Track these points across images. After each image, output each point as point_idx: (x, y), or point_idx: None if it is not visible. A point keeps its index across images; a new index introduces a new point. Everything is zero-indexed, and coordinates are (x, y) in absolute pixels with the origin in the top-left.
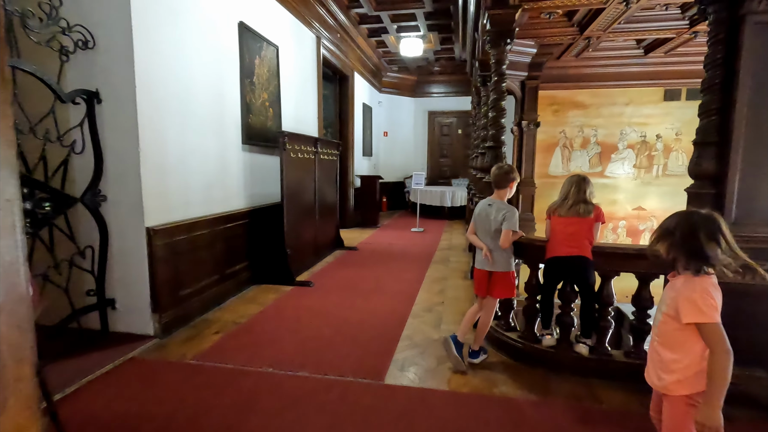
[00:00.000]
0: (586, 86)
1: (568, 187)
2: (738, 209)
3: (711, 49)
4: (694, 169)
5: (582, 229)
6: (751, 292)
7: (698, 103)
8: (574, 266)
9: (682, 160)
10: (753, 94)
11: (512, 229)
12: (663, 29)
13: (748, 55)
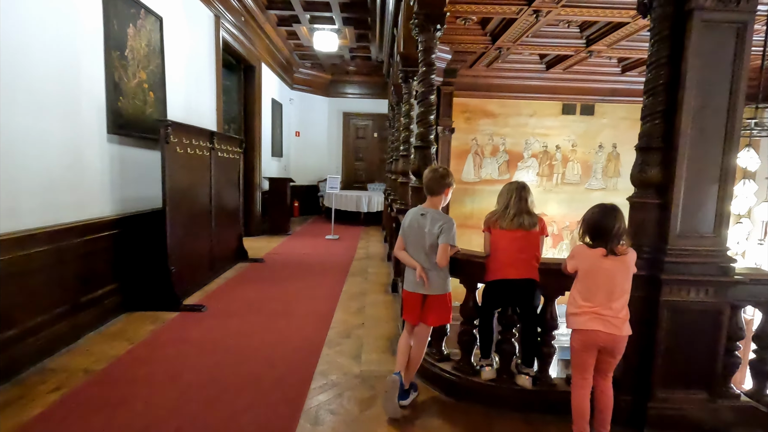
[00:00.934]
0: (496, 96)
1: (507, 196)
2: (683, 221)
3: (655, 47)
4: (638, 176)
5: (529, 244)
6: (692, 309)
7: (590, 118)
8: (520, 290)
9: (577, 170)
10: (699, 97)
11: (451, 243)
12: (563, 46)
13: (694, 55)
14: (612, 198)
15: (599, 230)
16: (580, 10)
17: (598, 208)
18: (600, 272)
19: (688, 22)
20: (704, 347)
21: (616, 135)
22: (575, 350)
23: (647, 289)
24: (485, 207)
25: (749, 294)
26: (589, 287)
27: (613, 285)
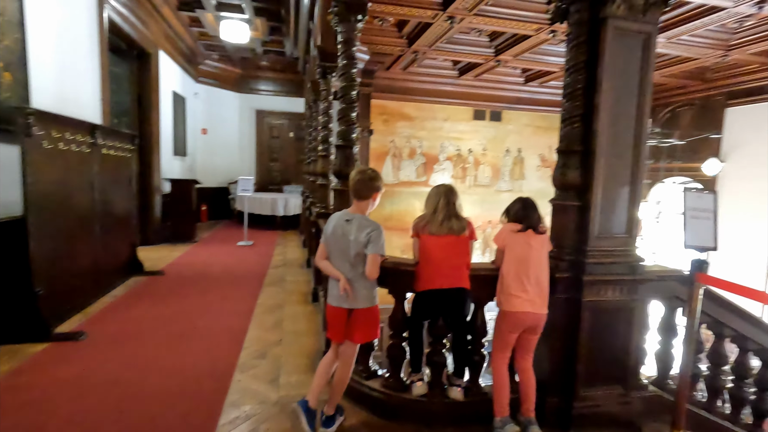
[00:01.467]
0: (412, 99)
1: (435, 199)
2: (601, 222)
3: (573, 52)
4: (559, 179)
5: (460, 250)
6: (609, 308)
7: (498, 124)
8: (453, 300)
9: (488, 173)
10: (613, 102)
11: (380, 252)
12: (475, 54)
13: (609, 60)
14: None
15: (524, 216)
16: (489, 19)
17: (522, 200)
18: (526, 249)
19: (603, 30)
20: (619, 344)
21: (521, 140)
22: (502, 331)
23: (570, 290)
24: (404, 209)
25: (655, 290)
26: (518, 268)
27: (539, 262)
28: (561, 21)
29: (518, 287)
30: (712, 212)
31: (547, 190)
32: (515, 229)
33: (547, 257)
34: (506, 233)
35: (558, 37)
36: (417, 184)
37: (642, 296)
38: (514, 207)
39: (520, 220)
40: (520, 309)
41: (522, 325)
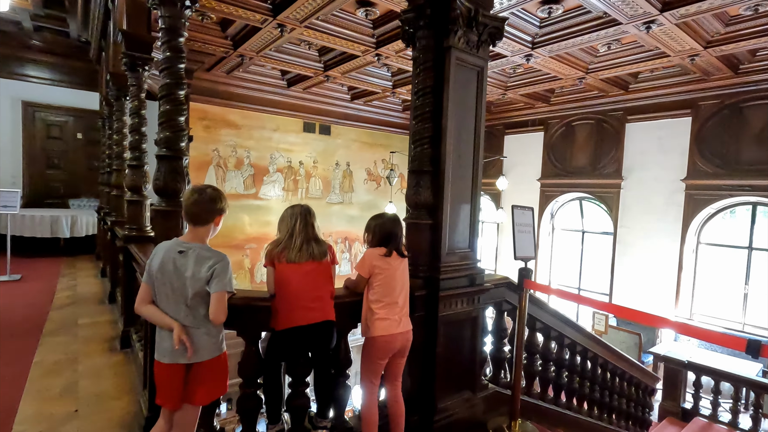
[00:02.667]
0: (238, 106)
1: (291, 221)
2: (449, 239)
3: (421, 76)
4: (413, 198)
5: (323, 278)
6: (458, 320)
7: (327, 138)
8: (318, 336)
9: (319, 185)
10: (457, 126)
11: (227, 289)
12: (304, 66)
13: (453, 87)
14: (347, 210)
15: (389, 235)
16: (320, 34)
17: (385, 218)
18: (392, 273)
19: (447, 58)
20: (467, 351)
21: (349, 155)
22: (372, 358)
23: (426, 307)
24: (231, 224)
25: (491, 297)
26: (385, 291)
27: (402, 284)
28: (408, 45)
29: (386, 311)
30: (531, 226)
31: (375, 202)
32: (380, 254)
33: (408, 277)
34: (372, 259)
35: (382, 60)
36: (245, 197)
37: (483, 304)
38: (379, 229)
39: (386, 242)
40: (389, 332)
41: (392, 349)
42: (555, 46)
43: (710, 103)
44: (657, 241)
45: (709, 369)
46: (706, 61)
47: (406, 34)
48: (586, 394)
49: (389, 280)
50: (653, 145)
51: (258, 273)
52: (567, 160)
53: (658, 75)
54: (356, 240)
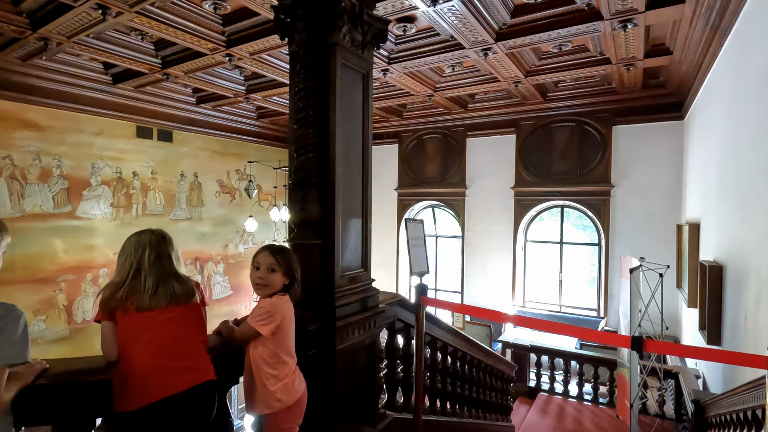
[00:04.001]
0: (42, 103)
1: (137, 254)
2: (343, 260)
3: (303, 74)
4: (300, 215)
5: (194, 325)
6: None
7: (169, 145)
8: (193, 406)
9: (160, 200)
10: (344, 131)
11: (19, 360)
12: (136, 60)
13: (340, 87)
14: (197, 227)
15: (292, 273)
16: (157, 24)
17: (281, 254)
18: (291, 319)
19: (333, 55)
20: (364, 381)
21: (197, 165)
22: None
23: (320, 342)
24: (37, 252)
25: (383, 318)
26: (288, 342)
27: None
28: (284, 37)
29: (291, 362)
30: (423, 239)
31: (230, 216)
32: (280, 298)
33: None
34: (280, 307)
35: (234, 62)
36: (57, 216)
37: (378, 328)
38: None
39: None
40: (301, 389)
41: (303, 409)
42: (409, 63)
43: (528, 123)
44: (496, 242)
45: (545, 349)
46: (525, 88)
47: (282, 24)
48: (467, 396)
49: (291, 328)
50: (488, 158)
51: (78, 311)
52: (420, 171)
53: (490, 97)
54: (208, 260)
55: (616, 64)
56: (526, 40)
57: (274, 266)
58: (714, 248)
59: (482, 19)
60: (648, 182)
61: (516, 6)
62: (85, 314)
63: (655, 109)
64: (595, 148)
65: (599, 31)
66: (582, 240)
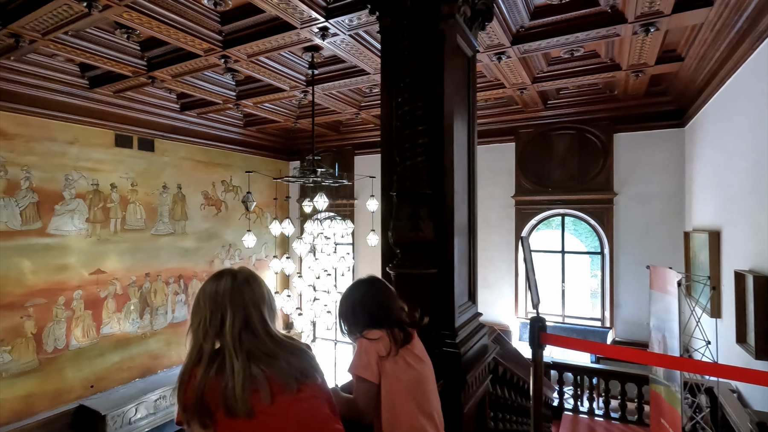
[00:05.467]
0: (9, 108)
1: (216, 318)
2: (459, 292)
3: (406, 57)
4: (410, 236)
5: (326, 414)
6: (475, 405)
7: (150, 155)
8: None
9: (140, 214)
10: (457, 128)
11: None
12: (118, 62)
13: (449, 74)
14: (180, 242)
15: (384, 315)
16: (148, 21)
17: (368, 287)
18: (411, 368)
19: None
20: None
21: (180, 175)
22: None
23: (450, 395)
24: (2, 274)
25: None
26: (415, 400)
27: (432, 381)
28: (373, 11)
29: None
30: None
31: (215, 230)
32: (385, 345)
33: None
34: (374, 355)
35: (230, 64)
36: (24, 234)
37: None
38: (360, 302)
39: (378, 321)
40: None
41: None
42: None
43: (527, 131)
44: (495, 252)
45: (569, 366)
46: (529, 95)
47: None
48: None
49: (415, 382)
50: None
51: (49, 339)
52: None
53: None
54: (193, 277)
55: (626, 71)
56: (542, 44)
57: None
58: (747, 257)
59: (503, 21)
60: (649, 189)
61: (537, 7)
62: (57, 342)
63: (655, 116)
64: (596, 156)
65: (619, 34)
66: (580, 249)
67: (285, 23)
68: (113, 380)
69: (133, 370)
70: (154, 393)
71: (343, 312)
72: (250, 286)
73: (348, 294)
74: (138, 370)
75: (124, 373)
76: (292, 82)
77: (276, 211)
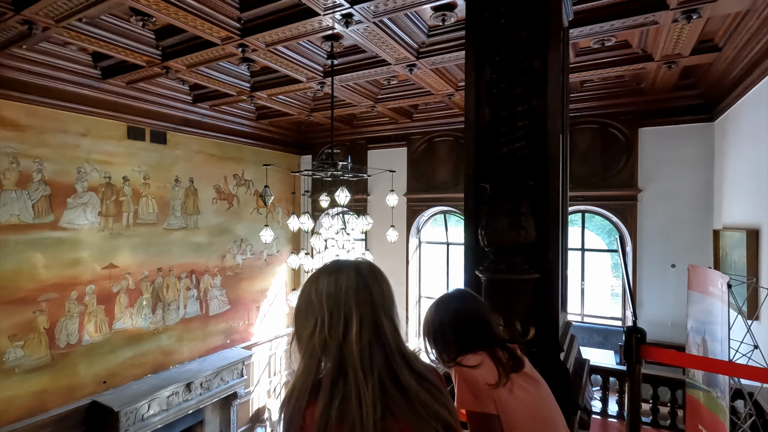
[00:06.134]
0: (20, 98)
1: (338, 327)
2: (563, 299)
3: (502, 24)
4: (510, 235)
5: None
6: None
7: (162, 147)
8: None
9: (153, 208)
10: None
11: None
12: (133, 51)
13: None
14: (192, 237)
15: (481, 334)
16: (166, 6)
17: (456, 301)
18: (532, 395)
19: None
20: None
21: (192, 169)
22: None
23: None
24: (14, 269)
25: None
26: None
27: (557, 411)
28: None
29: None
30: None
31: (227, 225)
32: (491, 371)
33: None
34: (482, 383)
35: (248, 53)
36: (37, 227)
37: None
38: (450, 323)
39: (475, 342)
40: None
41: None
42: (438, 58)
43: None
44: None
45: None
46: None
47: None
48: None
49: (540, 411)
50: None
51: (62, 334)
52: (430, 175)
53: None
54: (205, 272)
55: (658, 62)
56: (584, 30)
57: None
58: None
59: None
60: (676, 186)
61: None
62: (69, 337)
63: (682, 110)
64: (619, 151)
65: (657, 22)
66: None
67: (307, 9)
68: (125, 376)
69: (145, 366)
70: (166, 389)
71: (431, 334)
72: (378, 283)
73: (434, 312)
74: (150, 366)
75: (136, 369)
76: (310, 73)
77: (288, 206)
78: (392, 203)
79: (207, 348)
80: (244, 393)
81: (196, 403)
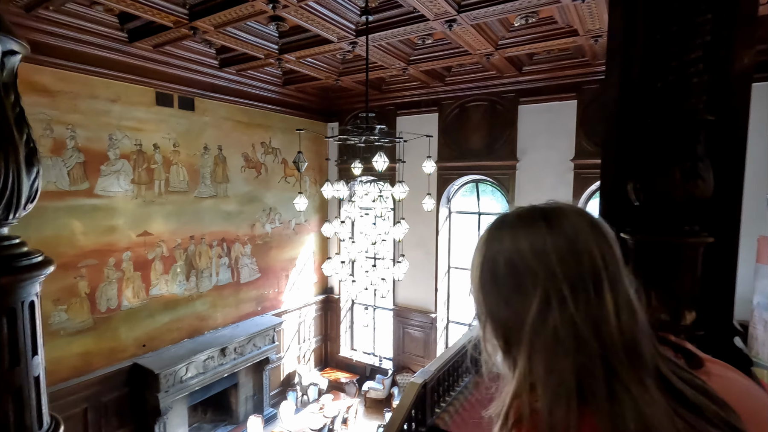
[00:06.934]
0: (50, 63)
1: (582, 304)
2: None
3: None
4: (674, 186)
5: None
6: None
7: (190, 114)
8: None
9: (183, 175)
10: None
11: None
12: (158, 9)
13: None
14: (222, 205)
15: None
16: None
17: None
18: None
19: None
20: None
21: (220, 136)
22: None
23: None
24: (54, 234)
25: None
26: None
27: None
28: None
29: None
30: None
31: (256, 193)
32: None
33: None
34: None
35: (278, 11)
36: (74, 194)
37: None
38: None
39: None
40: None
41: None
42: (482, 12)
43: (592, 87)
44: None
45: None
46: (601, 44)
47: None
48: None
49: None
50: (542, 128)
51: (102, 299)
52: (462, 143)
53: (552, 57)
54: (235, 241)
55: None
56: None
57: None
58: None
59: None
60: None
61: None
62: (109, 302)
63: None
64: None
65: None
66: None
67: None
68: (163, 340)
69: (181, 330)
70: (202, 353)
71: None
72: (612, 235)
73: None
74: (186, 330)
75: (173, 333)
76: (341, 32)
77: (315, 175)
78: (429, 170)
79: (239, 315)
80: (275, 358)
81: (231, 367)
